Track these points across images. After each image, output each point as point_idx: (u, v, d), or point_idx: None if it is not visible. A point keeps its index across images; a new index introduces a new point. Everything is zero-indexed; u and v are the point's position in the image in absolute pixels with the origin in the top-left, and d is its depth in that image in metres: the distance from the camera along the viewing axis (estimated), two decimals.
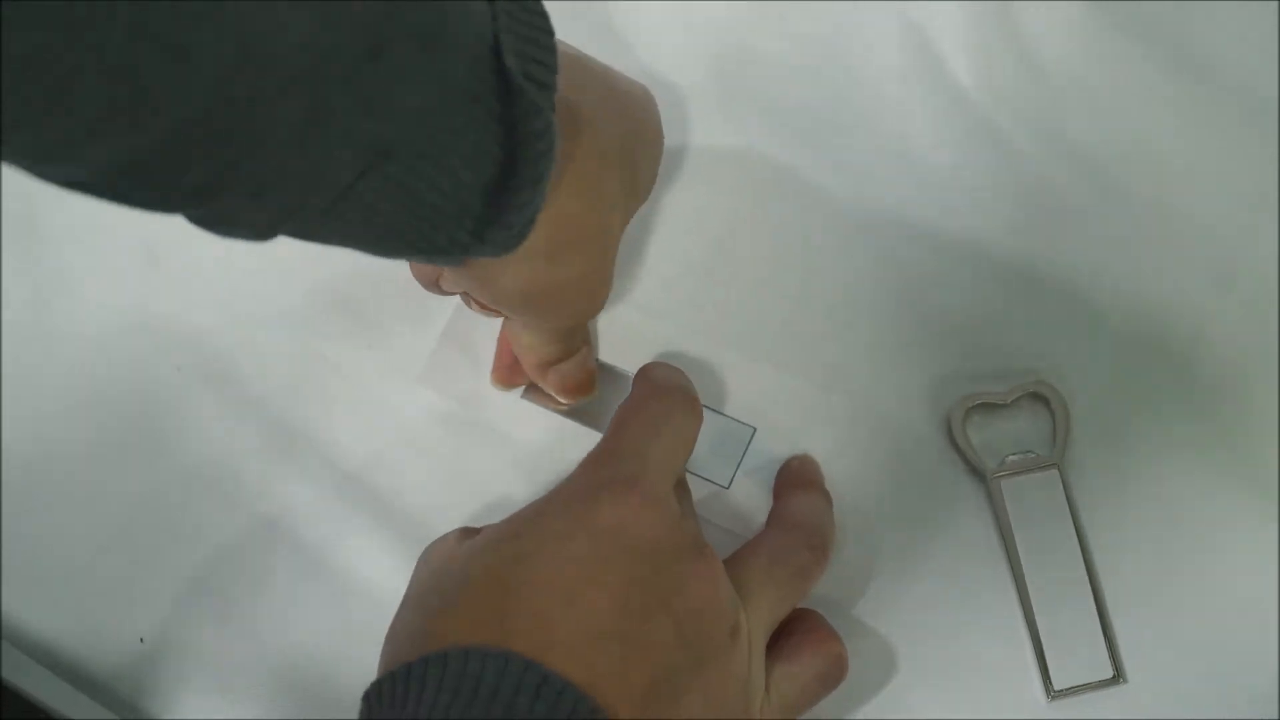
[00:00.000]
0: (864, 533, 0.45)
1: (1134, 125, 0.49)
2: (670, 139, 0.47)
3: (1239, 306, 0.47)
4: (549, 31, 0.34)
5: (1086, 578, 0.44)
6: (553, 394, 0.46)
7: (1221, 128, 0.49)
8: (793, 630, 0.41)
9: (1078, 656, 0.44)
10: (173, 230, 0.48)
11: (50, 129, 0.25)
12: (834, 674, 0.41)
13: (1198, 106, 0.49)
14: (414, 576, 0.39)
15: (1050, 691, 0.43)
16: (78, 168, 0.27)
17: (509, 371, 0.46)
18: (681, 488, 0.42)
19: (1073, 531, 0.45)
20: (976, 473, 0.45)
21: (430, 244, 0.34)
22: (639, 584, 0.35)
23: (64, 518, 0.46)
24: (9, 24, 0.22)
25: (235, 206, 0.30)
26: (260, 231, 0.31)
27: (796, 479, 0.45)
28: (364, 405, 0.47)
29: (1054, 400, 0.46)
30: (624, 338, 0.47)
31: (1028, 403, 0.46)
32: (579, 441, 0.46)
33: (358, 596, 0.45)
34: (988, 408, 0.46)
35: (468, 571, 0.36)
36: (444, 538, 0.40)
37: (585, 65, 0.41)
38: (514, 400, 0.47)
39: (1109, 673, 0.43)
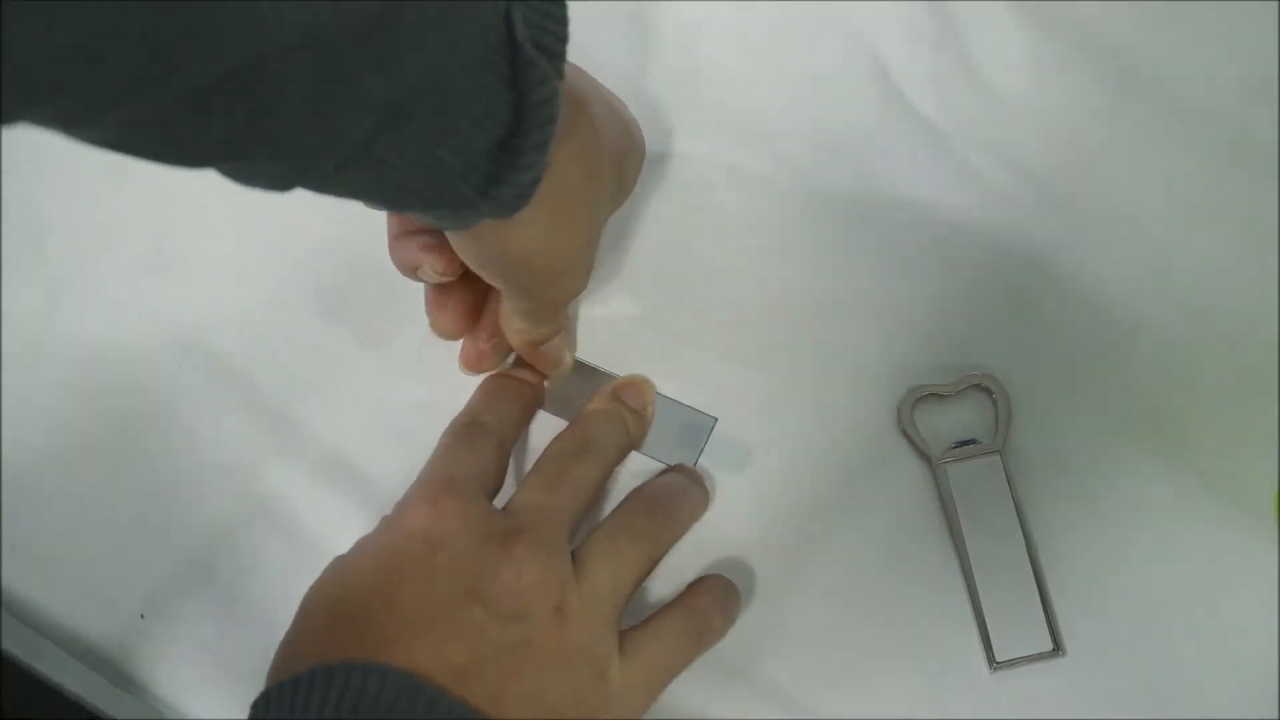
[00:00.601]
0: (818, 514, 0.48)
1: (1077, 137, 0.52)
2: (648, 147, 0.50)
3: (1174, 304, 0.50)
4: (561, 2, 0.36)
5: (1027, 557, 0.47)
6: (539, 369, 0.49)
7: (1158, 138, 0.52)
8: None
9: (1018, 630, 0.46)
10: (178, 228, 0.53)
11: (78, 95, 0.27)
12: (696, 628, 0.44)
13: (1136, 119, 0.52)
14: None
15: (992, 662, 0.46)
16: (106, 129, 0.29)
17: (477, 357, 0.49)
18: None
19: (1014, 514, 0.48)
20: (924, 459, 0.48)
21: (438, 198, 0.36)
22: (442, 575, 0.40)
23: (69, 502, 0.50)
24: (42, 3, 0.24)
25: (255, 161, 0.32)
26: (277, 184, 0.34)
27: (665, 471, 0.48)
28: (357, 397, 0.50)
29: (996, 392, 0.49)
30: (592, 335, 0.51)
31: (972, 394, 0.49)
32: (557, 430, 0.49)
33: None
34: (935, 398, 0.49)
35: (306, 604, 0.41)
36: None
37: (578, 68, 0.44)
38: None
39: (1048, 646, 0.46)
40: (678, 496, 0.47)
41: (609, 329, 0.51)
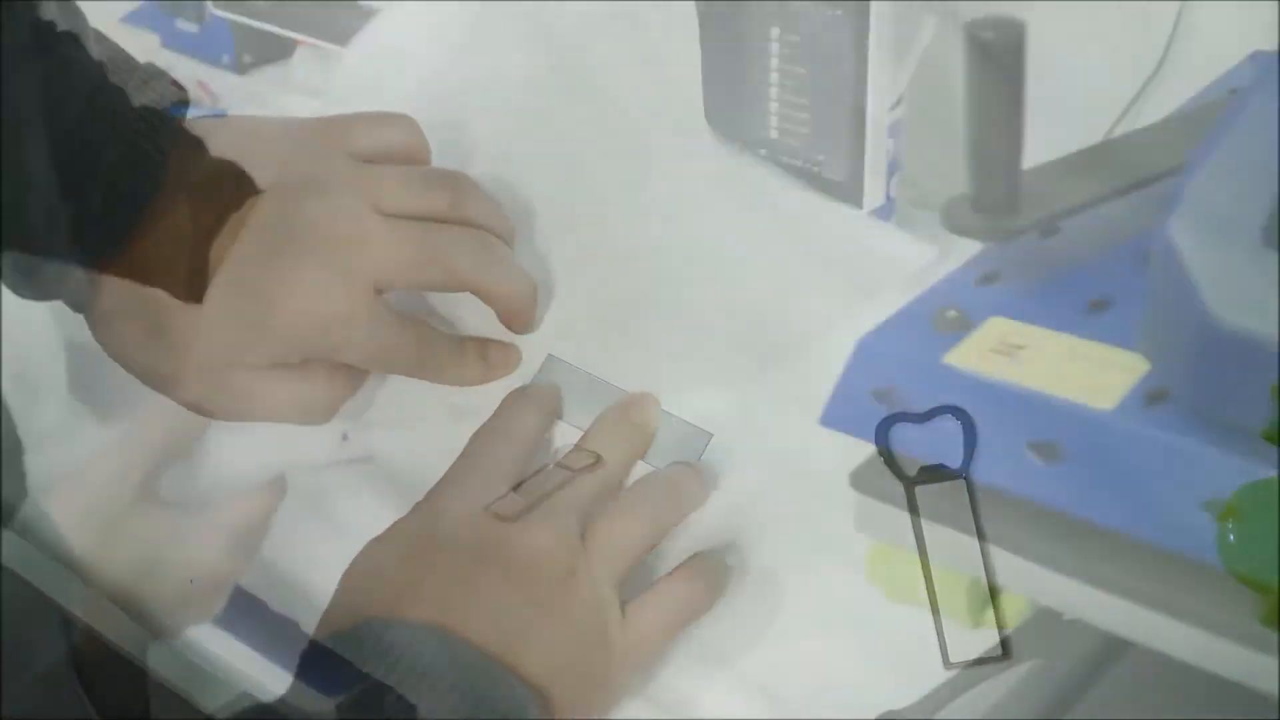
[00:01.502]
0: (799, 522, 0.53)
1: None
2: (614, 173, 0.59)
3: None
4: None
5: (983, 572, 0.53)
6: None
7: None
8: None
9: (972, 635, 0.52)
10: None
11: None
12: (691, 599, 0.50)
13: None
14: None
15: (947, 663, 0.52)
16: None
17: None
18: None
19: (974, 531, 0.53)
20: (897, 479, 0.54)
21: None
22: (464, 546, 0.47)
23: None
24: None
25: None
26: None
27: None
28: (400, 403, 0.57)
29: (964, 421, 0.54)
30: (603, 352, 0.57)
31: (943, 422, 0.55)
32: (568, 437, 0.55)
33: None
34: (910, 425, 0.54)
35: (346, 577, 0.48)
36: None
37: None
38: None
39: (998, 651, 0.52)
40: (680, 485, 0.53)
41: (619, 348, 0.56)
